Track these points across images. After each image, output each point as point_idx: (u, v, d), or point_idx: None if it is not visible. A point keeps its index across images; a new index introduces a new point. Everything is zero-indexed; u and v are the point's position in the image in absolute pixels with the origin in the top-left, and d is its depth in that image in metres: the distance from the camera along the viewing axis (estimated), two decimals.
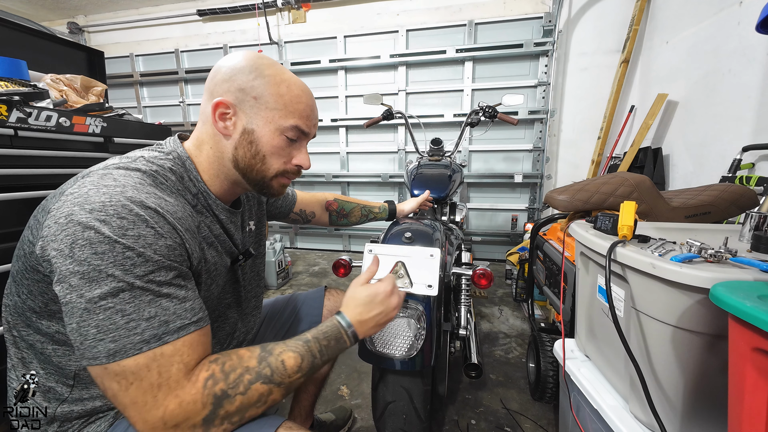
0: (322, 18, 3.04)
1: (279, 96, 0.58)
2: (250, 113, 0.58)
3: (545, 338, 1.22)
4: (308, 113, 0.62)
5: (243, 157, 0.60)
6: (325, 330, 0.59)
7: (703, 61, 1.76)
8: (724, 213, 0.90)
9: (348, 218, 1.13)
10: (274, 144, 0.60)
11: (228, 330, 0.71)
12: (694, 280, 0.51)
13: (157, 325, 0.44)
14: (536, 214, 2.90)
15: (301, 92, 0.61)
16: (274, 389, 0.50)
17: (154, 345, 0.44)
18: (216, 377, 0.47)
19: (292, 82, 0.60)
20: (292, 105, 0.59)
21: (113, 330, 0.42)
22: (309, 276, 2.69)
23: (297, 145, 0.63)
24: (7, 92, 1.11)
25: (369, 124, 1.88)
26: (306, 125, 0.62)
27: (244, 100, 0.58)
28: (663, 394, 0.60)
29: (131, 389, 0.43)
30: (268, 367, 0.50)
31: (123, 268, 0.43)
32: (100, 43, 3.57)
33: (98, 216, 0.43)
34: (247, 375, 0.48)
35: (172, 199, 0.53)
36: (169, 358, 0.44)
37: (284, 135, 0.60)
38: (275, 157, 0.61)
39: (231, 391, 0.47)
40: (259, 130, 0.58)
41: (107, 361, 0.42)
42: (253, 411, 0.49)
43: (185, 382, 0.45)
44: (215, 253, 0.62)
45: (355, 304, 0.63)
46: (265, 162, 0.61)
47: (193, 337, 0.47)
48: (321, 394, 1.05)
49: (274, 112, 0.58)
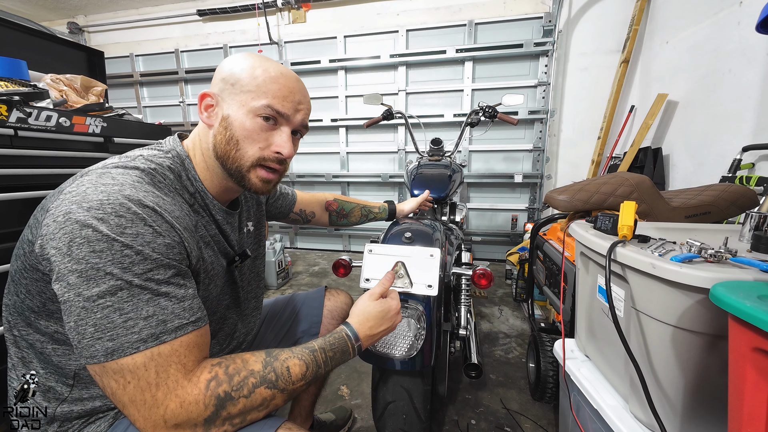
0: (322, 18, 3.04)
1: (253, 78, 0.57)
2: (228, 100, 0.57)
3: (545, 338, 1.23)
4: (284, 93, 0.58)
5: (219, 144, 0.58)
6: (332, 342, 0.59)
7: (703, 61, 1.76)
8: (724, 213, 0.90)
9: (348, 218, 1.13)
10: (246, 126, 0.57)
11: (227, 331, 0.71)
12: (694, 280, 0.51)
13: (155, 324, 0.44)
14: (536, 214, 2.90)
15: (279, 74, 0.58)
16: (277, 394, 0.50)
17: (151, 344, 0.43)
18: (219, 379, 0.47)
19: (272, 66, 0.58)
20: (266, 85, 0.57)
21: (111, 329, 0.42)
22: (309, 276, 2.69)
23: (275, 131, 0.59)
24: (7, 92, 1.11)
25: (369, 124, 1.88)
26: (282, 105, 0.58)
27: (224, 89, 0.58)
28: (663, 394, 0.60)
29: (129, 388, 0.43)
30: (273, 372, 0.50)
31: (121, 267, 0.43)
32: (100, 43, 3.57)
33: (96, 214, 0.43)
34: (251, 378, 0.48)
35: (170, 198, 0.53)
36: (166, 358, 0.44)
37: (258, 117, 0.57)
38: (249, 141, 0.57)
39: (234, 393, 0.47)
40: (233, 113, 0.57)
41: (105, 360, 0.42)
42: (254, 414, 0.49)
43: (185, 383, 0.45)
44: (212, 253, 0.61)
45: (366, 318, 0.64)
46: (239, 147, 0.57)
47: (191, 337, 0.47)
48: (321, 394, 1.05)
49: (248, 95, 0.56)
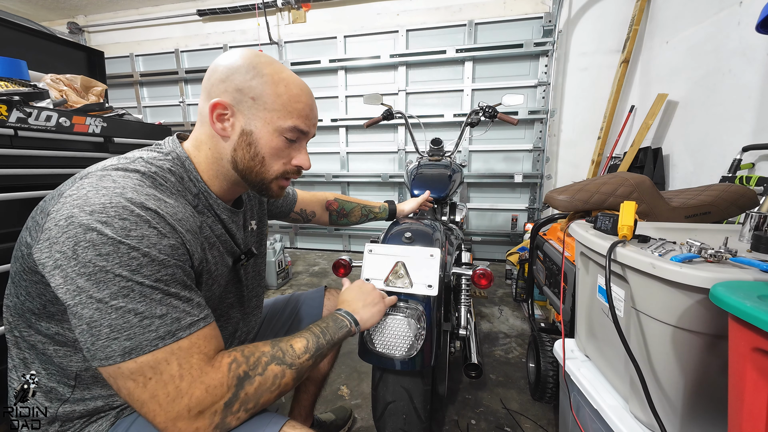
0: (322, 18, 3.04)
1: (277, 96, 0.57)
2: (248, 114, 0.57)
3: (545, 338, 1.23)
4: (307, 112, 0.60)
5: (242, 159, 0.59)
6: (324, 318, 0.67)
7: (703, 61, 1.76)
8: (724, 213, 0.90)
9: (348, 218, 1.13)
10: (273, 145, 0.59)
11: (230, 329, 0.71)
12: (694, 280, 0.51)
13: (169, 321, 0.45)
14: (536, 214, 2.90)
15: (300, 91, 0.59)
16: (286, 371, 0.54)
17: (170, 341, 0.45)
18: (238, 360, 0.50)
19: (291, 80, 0.59)
20: (291, 105, 0.58)
21: (128, 328, 0.43)
22: (309, 276, 2.69)
23: (296, 146, 0.62)
24: (7, 92, 1.11)
25: (369, 124, 1.88)
26: (305, 125, 0.60)
27: (242, 101, 0.56)
28: (663, 394, 0.60)
29: (150, 384, 0.43)
30: (280, 350, 0.55)
31: (130, 269, 0.43)
32: (100, 43, 3.57)
33: (99, 218, 0.43)
34: (264, 357, 0.53)
35: (172, 201, 0.53)
36: (187, 350, 0.46)
37: (283, 136, 0.59)
38: (275, 158, 0.60)
39: (251, 372, 0.50)
40: (257, 131, 0.57)
41: (122, 360, 0.43)
42: (266, 396, 0.52)
43: (208, 369, 0.47)
44: (217, 253, 0.62)
45: (344, 298, 0.75)
46: (264, 164, 0.60)
47: (206, 331, 0.49)
48: (321, 394, 1.05)
49: (273, 113, 0.57)
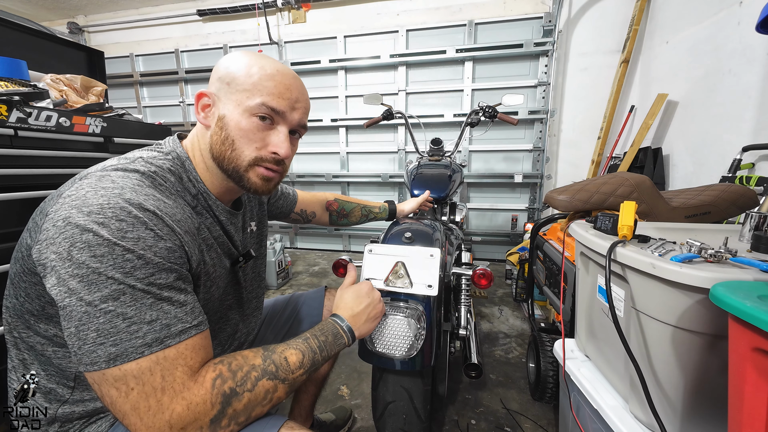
0: (322, 18, 3.04)
1: (249, 76, 0.55)
2: (224, 99, 0.56)
3: (545, 338, 1.23)
4: (280, 90, 0.56)
5: (215, 144, 0.57)
6: (322, 327, 0.63)
7: (703, 61, 1.76)
8: (724, 213, 0.90)
9: (348, 218, 1.13)
10: (242, 126, 0.55)
11: (229, 331, 0.71)
12: (694, 280, 0.51)
13: (158, 328, 0.43)
14: (536, 214, 2.90)
15: (275, 71, 0.56)
16: (278, 385, 0.51)
17: (156, 348, 0.43)
18: (224, 376, 0.47)
19: (269, 64, 0.57)
20: (261, 82, 0.55)
21: (114, 333, 0.41)
22: (309, 276, 2.69)
23: (273, 131, 0.58)
24: (7, 92, 1.11)
25: (369, 124, 1.88)
26: (277, 102, 0.56)
27: (221, 88, 0.56)
28: (663, 394, 0.60)
29: (132, 395, 0.42)
30: (273, 364, 0.51)
31: (123, 271, 0.42)
32: (100, 43, 3.57)
33: (96, 219, 0.42)
34: (253, 372, 0.49)
35: (171, 201, 0.52)
36: (172, 361, 0.44)
37: (254, 116, 0.56)
38: (245, 140, 0.56)
39: (239, 388, 0.47)
40: (229, 114, 0.56)
41: (106, 366, 0.41)
42: (258, 410, 0.49)
43: (191, 384, 0.44)
44: (215, 255, 0.61)
45: (344, 303, 0.70)
46: (234, 147, 0.56)
47: (195, 340, 0.47)
48: (321, 394, 1.05)
49: (243, 93, 0.55)
